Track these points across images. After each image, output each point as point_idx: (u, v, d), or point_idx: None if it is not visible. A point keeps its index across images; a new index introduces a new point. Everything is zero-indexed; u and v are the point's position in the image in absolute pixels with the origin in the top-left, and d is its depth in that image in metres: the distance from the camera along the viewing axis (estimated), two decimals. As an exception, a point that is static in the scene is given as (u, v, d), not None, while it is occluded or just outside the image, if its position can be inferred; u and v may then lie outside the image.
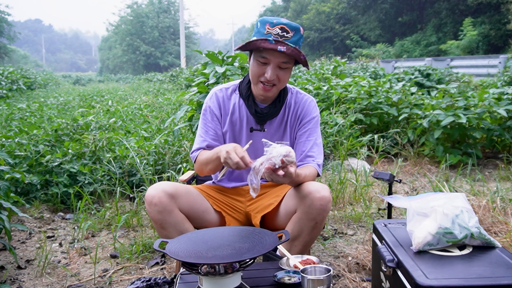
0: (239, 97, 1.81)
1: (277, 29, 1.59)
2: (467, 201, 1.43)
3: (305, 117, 1.81)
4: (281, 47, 1.56)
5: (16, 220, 2.88)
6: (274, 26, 1.59)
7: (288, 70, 1.68)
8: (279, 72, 1.66)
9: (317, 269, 1.30)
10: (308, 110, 1.82)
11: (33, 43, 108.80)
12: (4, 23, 31.36)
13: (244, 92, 1.78)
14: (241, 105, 1.81)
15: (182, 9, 24.03)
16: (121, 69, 46.33)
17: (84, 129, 4.28)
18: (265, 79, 1.65)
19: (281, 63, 1.64)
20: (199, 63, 6.29)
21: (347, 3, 31.44)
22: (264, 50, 1.62)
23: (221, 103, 1.82)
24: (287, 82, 1.75)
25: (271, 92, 1.71)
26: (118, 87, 18.59)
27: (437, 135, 4.18)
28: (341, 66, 8.91)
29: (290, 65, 1.67)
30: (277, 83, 1.68)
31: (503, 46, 20.05)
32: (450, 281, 1.15)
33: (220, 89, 1.85)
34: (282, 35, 1.59)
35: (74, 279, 2.16)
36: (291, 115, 1.81)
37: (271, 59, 1.62)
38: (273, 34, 1.58)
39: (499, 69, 10.92)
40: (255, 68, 1.67)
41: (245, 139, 1.80)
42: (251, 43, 1.61)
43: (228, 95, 1.83)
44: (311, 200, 1.54)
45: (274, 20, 1.60)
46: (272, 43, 1.57)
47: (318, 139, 1.81)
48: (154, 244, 1.31)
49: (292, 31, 1.60)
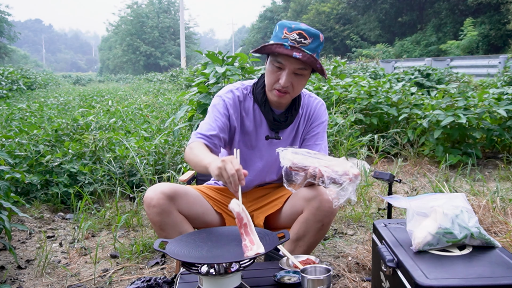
0: (253, 101, 1.76)
1: (295, 34, 1.55)
2: (467, 201, 1.43)
3: (315, 120, 1.80)
4: (296, 54, 1.53)
5: (16, 220, 2.88)
6: (292, 31, 1.55)
7: (303, 77, 1.63)
8: (294, 79, 1.61)
9: (317, 269, 1.30)
10: (318, 114, 1.81)
11: (33, 43, 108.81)
12: (4, 23, 31.37)
13: (260, 97, 1.73)
14: (256, 110, 1.75)
15: (182, 9, 24.04)
16: (121, 69, 46.34)
17: (84, 129, 4.29)
18: (279, 85, 1.62)
19: (296, 70, 1.59)
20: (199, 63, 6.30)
21: (347, 3, 31.42)
22: (279, 55, 1.58)
23: (237, 102, 1.75)
24: (301, 90, 1.70)
25: (285, 99, 1.67)
26: (118, 87, 18.60)
27: (437, 135, 4.18)
28: (341, 66, 8.91)
29: (306, 72, 1.62)
30: (290, 90, 1.63)
31: (503, 46, 20.04)
32: (450, 281, 1.15)
33: (237, 88, 1.77)
34: (299, 41, 1.54)
35: (74, 279, 2.16)
36: (302, 119, 1.79)
37: (286, 64, 1.58)
38: (290, 40, 1.55)
39: (499, 69, 10.92)
40: (270, 73, 1.63)
41: (259, 147, 1.76)
42: (266, 47, 1.58)
43: (244, 96, 1.76)
44: (320, 201, 1.54)
45: (292, 25, 1.57)
46: (288, 49, 1.53)
47: (324, 143, 1.81)
48: (154, 244, 1.31)
49: (310, 38, 1.56)
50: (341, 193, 1.41)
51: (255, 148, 1.77)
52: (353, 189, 1.42)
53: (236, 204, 1.30)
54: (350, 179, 1.41)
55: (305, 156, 1.50)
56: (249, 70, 3.81)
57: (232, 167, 1.32)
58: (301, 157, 1.48)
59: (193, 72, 10.99)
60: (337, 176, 1.41)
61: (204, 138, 1.65)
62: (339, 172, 1.42)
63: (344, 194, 1.41)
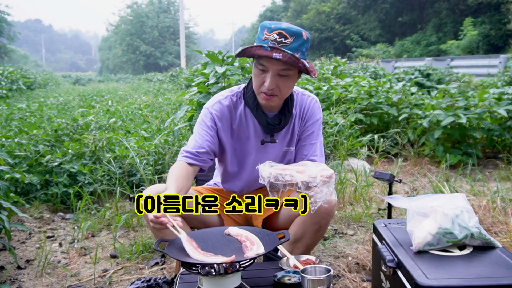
0: (245, 106, 1.71)
1: (275, 34, 1.50)
2: (467, 201, 1.43)
3: (309, 119, 1.77)
4: (276, 54, 1.47)
5: (16, 220, 2.88)
6: (272, 31, 1.51)
7: (289, 78, 1.58)
8: (279, 81, 1.56)
9: (317, 269, 1.30)
10: (312, 112, 1.77)
11: (33, 43, 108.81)
12: (4, 23, 31.32)
13: (251, 102, 1.68)
14: (247, 115, 1.71)
15: (182, 9, 24.05)
16: (121, 69, 46.32)
17: (84, 129, 4.28)
18: (264, 88, 1.57)
19: (279, 71, 1.54)
20: (199, 63, 6.29)
21: (347, 3, 31.41)
22: (261, 58, 1.54)
23: (226, 113, 1.70)
24: (290, 91, 1.65)
25: (273, 101, 1.62)
26: (118, 87, 18.60)
27: (437, 135, 4.18)
28: (341, 66, 8.91)
29: (290, 73, 1.56)
30: (277, 93, 1.59)
31: (503, 46, 20.03)
32: (450, 281, 1.15)
33: (226, 96, 1.73)
34: (279, 41, 1.50)
35: (74, 279, 2.16)
36: (297, 118, 1.76)
37: (269, 66, 1.54)
38: (270, 40, 1.50)
39: (499, 69, 10.92)
40: (256, 76, 1.60)
41: (255, 152, 1.73)
42: (246, 50, 1.54)
43: (234, 103, 1.72)
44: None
45: (272, 25, 1.52)
46: (267, 50, 1.48)
47: (320, 142, 1.78)
48: (154, 244, 1.31)
49: (291, 37, 1.50)
50: (316, 196, 1.43)
51: (251, 154, 1.74)
52: (329, 190, 1.43)
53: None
54: (324, 181, 1.41)
55: (282, 166, 1.54)
56: (249, 70, 3.80)
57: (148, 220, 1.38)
58: (279, 168, 1.51)
59: (193, 72, 10.98)
60: (310, 179, 1.43)
61: (190, 157, 1.62)
62: (312, 175, 1.44)
63: (320, 196, 1.43)
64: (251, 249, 1.27)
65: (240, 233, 1.37)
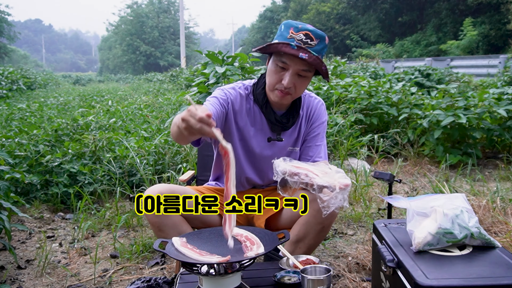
0: (254, 102, 1.72)
1: (301, 34, 1.51)
2: (467, 201, 1.43)
3: (315, 121, 1.78)
4: (303, 54, 1.49)
5: (16, 220, 2.88)
6: (298, 31, 1.52)
7: (306, 79, 1.61)
8: (297, 80, 1.58)
9: (317, 269, 1.30)
10: (318, 114, 1.79)
11: (33, 43, 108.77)
12: (4, 23, 31.33)
13: (261, 98, 1.69)
14: (256, 111, 1.72)
15: (182, 9, 24.04)
16: (121, 69, 46.33)
17: (84, 129, 4.29)
18: (281, 86, 1.58)
19: (300, 71, 1.56)
20: (199, 63, 6.29)
21: (347, 3, 31.41)
22: (284, 55, 1.54)
23: (239, 100, 1.71)
24: (303, 92, 1.68)
25: (286, 99, 1.64)
26: (118, 87, 18.59)
27: (437, 135, 4.18)
28: (341, 66, 8.91)
29: (309, 74, 1.59)
30: (292, 92, 1.61)
31: (503, 46, 20.02)
32: (450, 281, 1.15)
33: (239, 86, 1.74)
34: (305, 42, 1.51)
35: (74, 279, 2.16)
36: (304, 119, 1.77)
37: (291, 65, 1.55)
38: (296, 40, 1.51)
39: (499, 69, 10.92)
40: (273, 73, 1.60)
41: (262, 149, 1.74)
42: (271, 46, 1.54)
43: (246, 96, 1.73)
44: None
45: (299, 25, 1.53)
46: (294, 49, 1.50)
47: (324, 143, 1.80)
48: (154, 244, 1.31)
49: (316, 39, 1.53)
50: (331, 200, 1.42)
51: (257, 150, 1.75)
52: (343, 197, 1.43)
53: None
54: (340, 188, 1.41)
55: (297, 164, 1.51)
56: (249, 70, 3.80)
57: (195, 112, 1.15)
58: (294, 166, 1.49)
59: (193, 72, 10.97)
60: (327, 185, 1.42)
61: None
62: (331, 183, 1.42)
63: (334, 202, 1.42)
64: (251, 249, 1.28)
65: (240, 233, 1.37)
